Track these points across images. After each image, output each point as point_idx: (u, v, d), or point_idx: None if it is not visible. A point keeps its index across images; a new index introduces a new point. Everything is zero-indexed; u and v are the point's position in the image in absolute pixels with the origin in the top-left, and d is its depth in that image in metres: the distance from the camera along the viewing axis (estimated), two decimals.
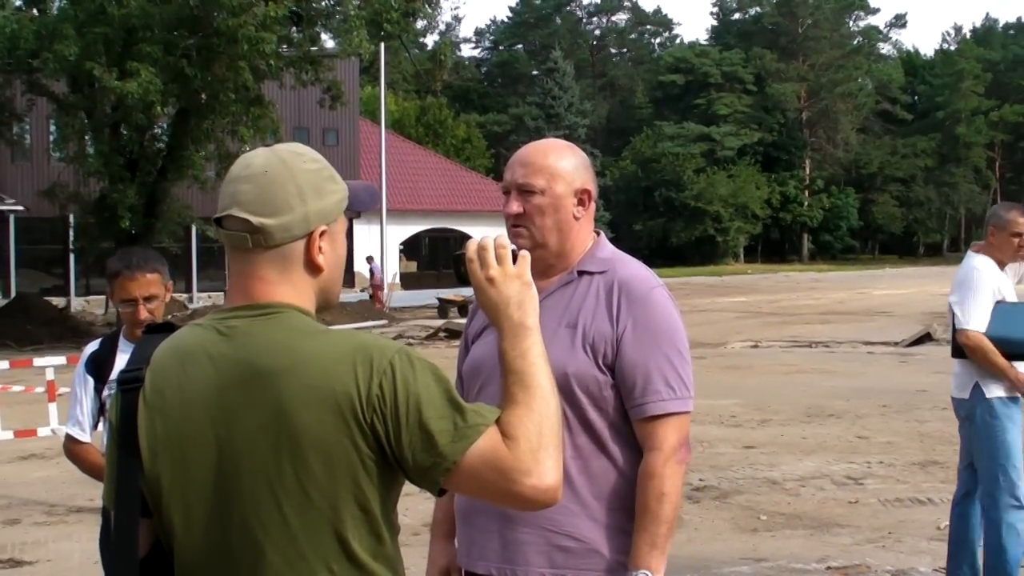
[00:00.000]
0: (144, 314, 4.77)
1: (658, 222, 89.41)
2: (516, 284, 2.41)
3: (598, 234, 3.42)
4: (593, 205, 3.36)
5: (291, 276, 2.27)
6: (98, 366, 4.95)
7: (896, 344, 24.53)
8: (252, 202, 2.23)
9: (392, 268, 48.47)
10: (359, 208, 2.40)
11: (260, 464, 2.14)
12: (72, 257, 40.90)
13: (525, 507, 2.21)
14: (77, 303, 42.14)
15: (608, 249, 3.38)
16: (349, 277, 52.29)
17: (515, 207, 3.24)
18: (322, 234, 2.28)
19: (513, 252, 2.45)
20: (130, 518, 2.24)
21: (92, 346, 5.10)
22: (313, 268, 2.29)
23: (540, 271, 3.29)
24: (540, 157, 3.27)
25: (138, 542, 2.25)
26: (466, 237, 2.26)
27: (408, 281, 52.69)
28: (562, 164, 3.27)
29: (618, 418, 3.20)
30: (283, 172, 2.25)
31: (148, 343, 2.35)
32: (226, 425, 2.17)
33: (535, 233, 3.24)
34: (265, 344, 2.18)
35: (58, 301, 38.05)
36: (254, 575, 2.17)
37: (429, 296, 41.30)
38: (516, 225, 3.26)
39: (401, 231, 53.76)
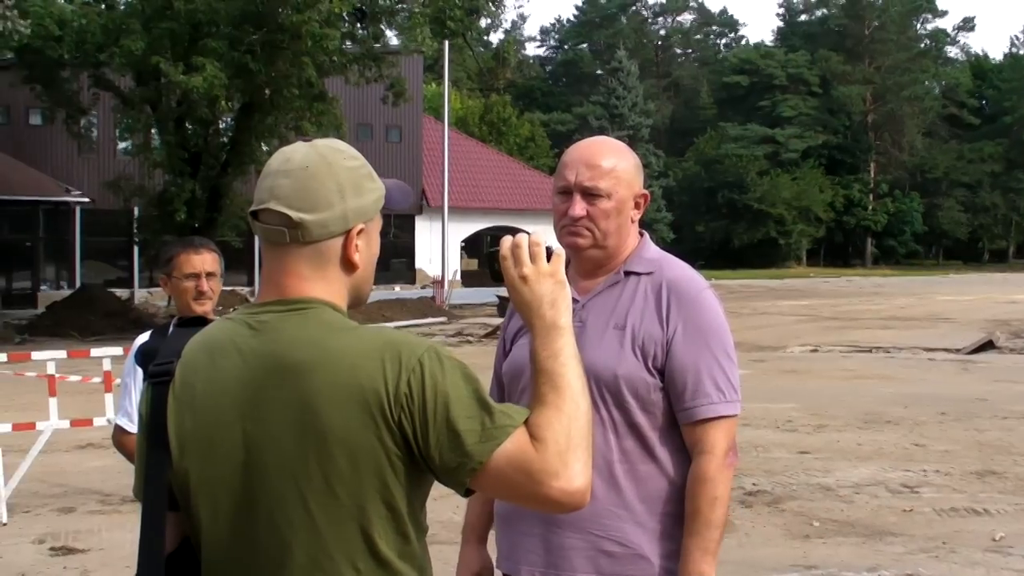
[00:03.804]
0: (206, 286, 4.88)
1: (720, 223, 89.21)
2: (549, 283, 2.37)
3: (642, 234, 3.38)
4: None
5: (326, 272, 2.25)
6: (148, 357, 4.98)
7: (958, 351, 24.27)
8: (291, 196, 2.21)
9: (453, 265, 48.54)
10: (393, 208, 2.37)
11: (287, 460, 2.13)
12: (136, 249, 41.32)
13: (552, 510, 2.18)
14: (140, 295, 42.55)
15: (653, 250, 3.35)
16: (411, 274, 52.48)
17: (579, 209, 3.20)
18: (359, 232, 2.27)
19: (547, 250, 2.42)
20: (157, 512, 2.24)
21: (142, 337, 5.14)
22: (349, 266, 2.27)
23: (588, 271, 3.28)
24: (604, 159, 3.23)
25: (165, 536, 2.25)
26: (520, 233, 2.22)
27: (469, 279, 52.75)
28: (625, 167, 3.25)
29: (665, 422, 3.16)
30: (324, 168, 2.24)
31: (179, 336, 2.35)
32: (254, 420, 2.16)
33: (597, 235, 3.21)
34: (294, 339, 2.17)
35: (122, 293, 38.43)
36: (279, 571, 2.16)
37: (489, 294, 41.32)
38: (576, 225, 3.22)
39: (462, 228, 53.83)
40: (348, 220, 2.25)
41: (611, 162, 3.23)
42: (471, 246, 57.70)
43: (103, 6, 29.55)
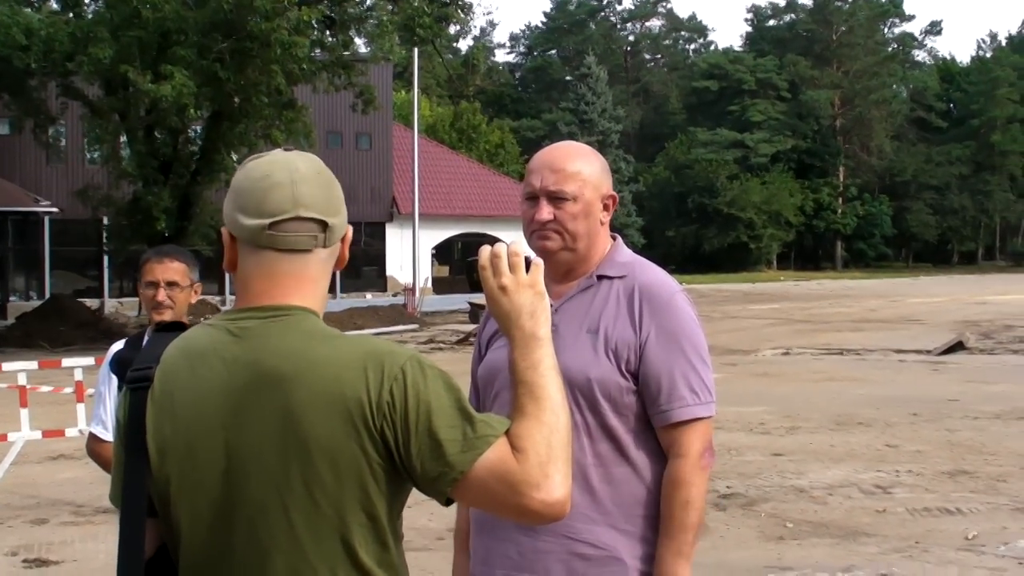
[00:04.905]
0: (163, 296, 4.82)
1: (691, 228, 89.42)
2: (529, 293, 2.38)
3: (615, 238, 3.38)
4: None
5: (327, 275, 2.31)
6: (123, 366, 4.95)
7: (928, 352, 24.39)
8: (319, 203, 2.24)
9: (424, 273, 48.49)
10: None
11: (268, 468, 2.13)
12: (106, 259, 41.13)
13: (532, 521, 2.18)
14: (110, 305, 42.34)
15: (626, 253, 3.35)
16: (381, 282, 52.39)
17: (546, 214, 3.20)
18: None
19: (526, 260, 2.42)
20: (137, 519, 2.23)
21: (117, 346, 5.12)
22: (341, 264, 2.35)
23: (561, 274, 3.28)
24: (568, 163, 3.23)
25: (144, 542, 2.24)
26: (498, 242, 2.22)
27: (440, 286, 52.71)
28: (590, 170, 3.24)
29: (639, 425, 3.16)
30: (328, 174, 2.30)
31: (157, 342, 2.34)
32: (235, 428, 2.16)
33: (566, 237, 3.21)
34: (277, 347, 2.17)
35: (91, 303, 38.23)
36: None
37: (460, 301, 41.32)
38: (544, 228, 3.22)
39: (433, 235, 53.78)
40: (347, 223, 2.32)
41: (576, 165, 3.23)
42: (442, 253, 57.67)
43: (71, 15, 29.45)
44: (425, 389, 2.13)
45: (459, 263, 57.96)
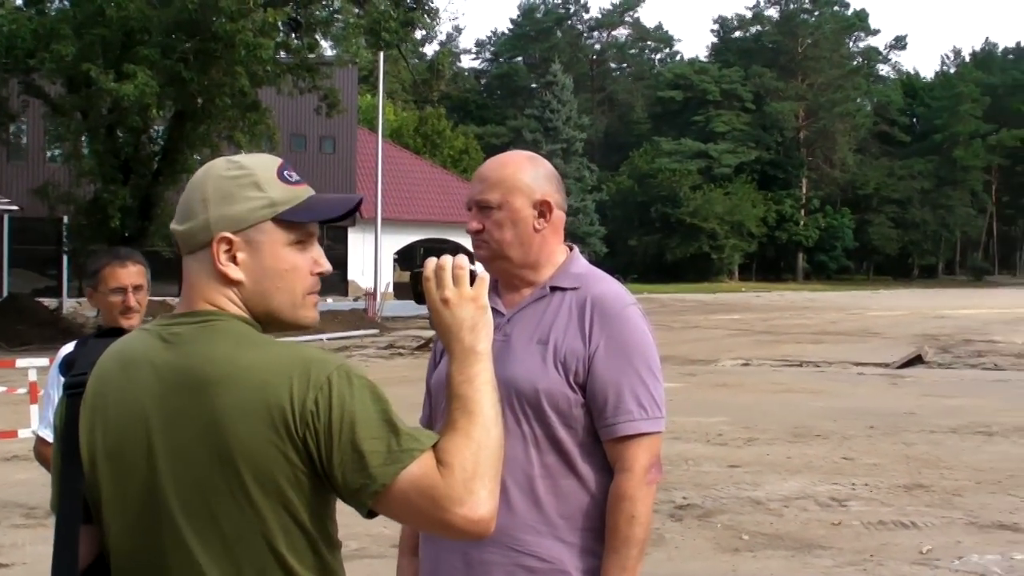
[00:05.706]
0: (132, 300, 4.79)
1: (654, 238, 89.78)
2: (471, 307, 2.34)
3: (571, 248, 3.35)
4: (558, 215, 3.27)
5: (210, 283, 2.22)
6: (71, 368, 4.90)
7: (887, 366, 24.49)
8: (177, 211, 2.27)
9: (385, 277, 48.40)
10: (316, 217, 2.26)
11: (195, 474, 2.10)
12: (65, 258, 40.85)
13: (455, 537, 2.13)
14: (69, 304, 42.01)
15: (581, 264, 3.31)
16: (343, 286, 52.25)
17: (474, 224, 3.20)
18: (230, 242, 2.19)
19: (472, 273, 2.38)
20: (71, 526, 2.21)
21: (67, 347, 5.06)
22: (219, 277, 2.21)
23: (508, 282, 3.27)
24: (496, 171, 3.22)
25: (78, 550, 2.21)
26: (460, 248, 2.24)
27: (401, 291, 51.99)
28: (519, 177, 3.20)
29: (587, 437, 3.13)
30: (197, 180, 2.25)
31: (97, 348, 2.33)
32: (164, 433, 2.12)
33: (494, 246, 3.20)
34: (206, 353, 2.13)
35: (50, 302, 37.96)
36: None
37: (421, 307, 41.24)
38: (476, 239, 3.22)
39: (396, 240, 53.70)
40: (210, 229, 2.20)
41: (501, 173, 3.21)
42: (404, 258, 57.56)
43: (34, 11, 29.24)
44: (351, 399, 2.09)
45: (420, 269, 57.87)
